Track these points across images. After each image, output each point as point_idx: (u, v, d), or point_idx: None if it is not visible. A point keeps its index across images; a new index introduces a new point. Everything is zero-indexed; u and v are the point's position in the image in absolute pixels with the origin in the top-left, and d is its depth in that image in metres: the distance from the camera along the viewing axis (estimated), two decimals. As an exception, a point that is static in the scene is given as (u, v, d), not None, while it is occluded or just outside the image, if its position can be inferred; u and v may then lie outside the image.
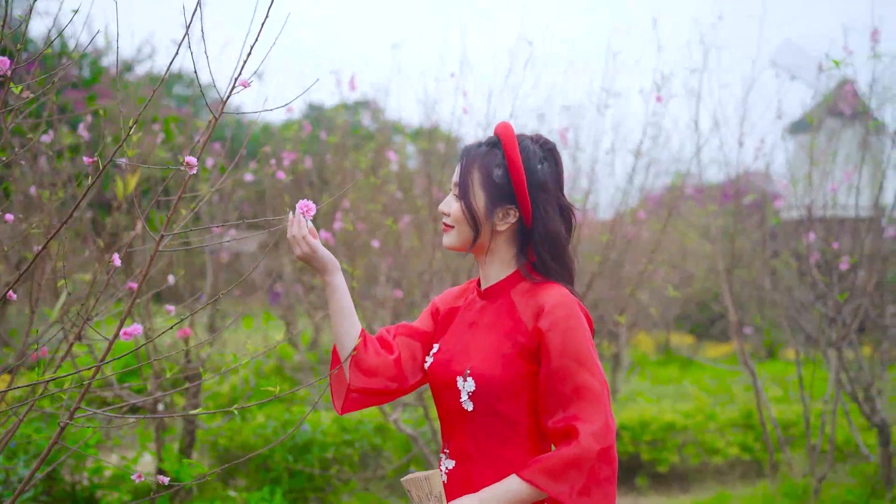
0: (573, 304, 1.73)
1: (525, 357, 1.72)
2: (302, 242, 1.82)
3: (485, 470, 1.73)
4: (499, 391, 1.71)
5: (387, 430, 5.22)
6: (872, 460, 5.07)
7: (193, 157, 1.68)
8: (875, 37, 4.46)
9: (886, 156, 5.04)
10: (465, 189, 1.78)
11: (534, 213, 1.77)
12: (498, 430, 1.73)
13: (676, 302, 10.52)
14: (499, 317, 1.79)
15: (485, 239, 1.81)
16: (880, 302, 5.67)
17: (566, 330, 1.68)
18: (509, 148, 1.76)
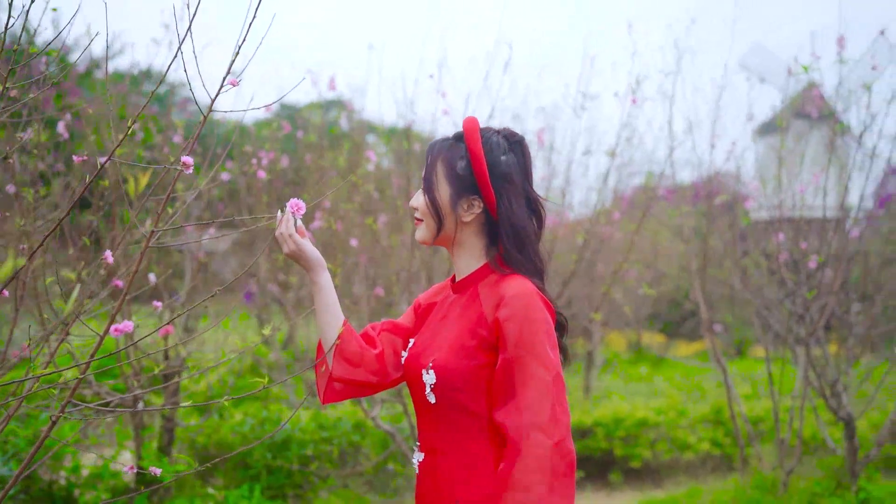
0: (532, 294, 1.72)
1: (486, 349, 1.73)
2: (289, 241, 1.86)
3: (450, 462, 1.75)
4: (458, 383, 1.73)
5: (365, 428, 5.26)
6: (838, 453, 5.21)
7: (189, 158, 1.72)
8: (841, 43, 4.60)
9: (851, 158, 5.18)
10: (430, 182, 1.82)
11: (498, 204, 1.78)
12: (460, 423, 1.75)
13: (648, 301, 10.68)
14: (465, 309, 1.81)
15: (451, 231, 1.83)
16: (845, 300, 5.83)
17: (523, 321, 1.68)
18: (471, 140, 1.79)
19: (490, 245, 1.85)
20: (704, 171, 5.85)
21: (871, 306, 5.91)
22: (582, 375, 8.70)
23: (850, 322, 5.67)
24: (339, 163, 6.30)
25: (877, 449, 4.92)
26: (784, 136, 5.48)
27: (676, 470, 6.06)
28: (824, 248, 5.06)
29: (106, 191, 3.76)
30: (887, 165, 6.08)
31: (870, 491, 4.78)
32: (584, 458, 5.77)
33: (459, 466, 1.74)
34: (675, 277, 10.75)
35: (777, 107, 6.27)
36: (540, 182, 5.92)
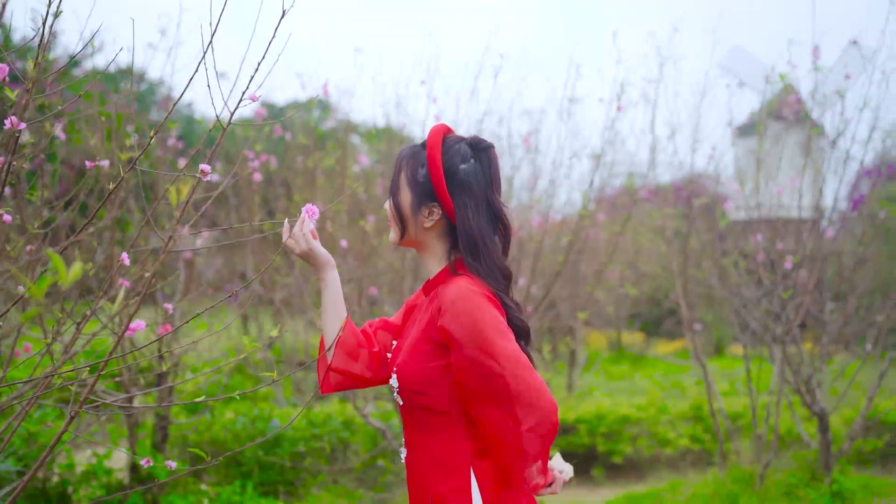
0: (470, 294, 1.75)
1: (440, 350, 1.78)
2: (302, 241, 1.94)
3: (422, 457, 1.83)
4: (417, 385, 1.80)
5: (355, 425, 5.37)
6: (813, 447, 5.39)
7: (207, 165, 1.81)
8: (816, 53, 4.77)
9: (826, 161, 5.36)
10: (394, 187, 1.89)
11: (455, 211, 1.82)
12: (426, 421, 1.82)
13: (628, 300, 10.86)
14: (425, 313, 1.88)
15: (413, 235, 1.88)
16: (820, 299, 6.01)
17: (465, 321, 1.72)
18: (430, 147, 1.83)
19: (452, 249, 1.89)
20: (685, 173, 6.01)
21: (844, 305, 6.10)
22: (565, 374, 8.85)
23: (824, 321, 5.84)
24: (326, 164, 6.39)
25: (849, 443, 5.10)
26: (762, 140, 5.65)
27: (657, 465, 6.22)
28: (800, 249, 5.23)
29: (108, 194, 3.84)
30: (860, 168, 6.28)
31: (842, 483, 4.97)
32: (567, 455, 5.89)
33: (431, 462, 1.82)
34: (655, 277, 10.93)
35: (755, 109, 6.44)
36: (525, 184, 6.06)
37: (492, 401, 1.72)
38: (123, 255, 2.11)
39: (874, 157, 6.41)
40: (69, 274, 1.01)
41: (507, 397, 1.70)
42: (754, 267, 5.54)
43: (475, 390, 1.73)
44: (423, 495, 1.83)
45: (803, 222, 5.49)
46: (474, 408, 1.76)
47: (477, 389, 1.73)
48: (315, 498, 4.86)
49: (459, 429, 1.80)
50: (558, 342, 8.18)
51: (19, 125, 1.58)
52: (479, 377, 1.71)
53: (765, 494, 4.98)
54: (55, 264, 1.00)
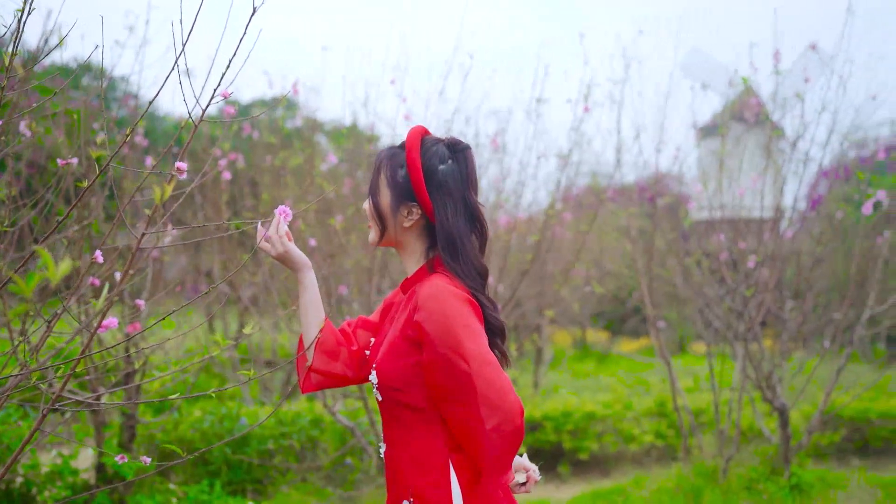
0: (444, 293, 1.78)
1: (416, 348, 1.81)
2: (278, 243, 1.97)
3: (400, 453, 1.87)
4: (396, 382, 1.83)
5: (323, 423, 5.37)
6: (773, 442, 5.53)
7: (183, 163, 1.82)
8: (777, 57, 4.89)
9: (786, 163, 5.49)
10: (374, 188, 1.92)
11: (434, 211, 1.85)
12: (404, 418, 1.85)
13: (593, 298, 10.99)
14: (402, 311, 1.90)
15: (393, 234, 1.92)
16: (779, 298, 6.16)
17: (438, 319, 1.75)
18: (409, 149, 1.86)
19: (430, 248, 1.93)
20: (650, 173, 6.11)
21: (802, 304, 6.25)
22: (531, 371, 8.93)
23: (783, 318, 5.99)
24: (294, 163, 6.38)
25: (807, 437, 5.24)
26: (724, 141, 5.77)
27: (623, 461, 6.32)
28: (761, 248, 5.35)
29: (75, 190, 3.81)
30: (819, 169, 6.44)
31: (801, 476, 5.10)
32: (533, 452, 5.98)
33: (408, 458, 1.85)
34: (619, 276, 11.07)
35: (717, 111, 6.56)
36: (493, 183, 6.11)
37: (459, 400, 1.74)
38: (97, 253, 2.11)
39: (832, 159, 6.58)
40: (58, 270, 1.02)
41: (473, 396, 1.72)
42: (717, 266, 5.66)
43: (443, 388, 1.76)
44: (403, 490, 1.86)
45: (764, 222, 5.62)
46: (443, 405, 1.79)
47: (445, 387, 1.76)
48: (284, 496, 4.86)
49: (436, 425, 1.83)
50: (524, 340, 8.26)
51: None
52: (447, 375, 1.74)
53: (727, 488, 5.10)
54: (45, 261, 1.02)
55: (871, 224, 5.66)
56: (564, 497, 5.43)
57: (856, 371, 8.21)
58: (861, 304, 6.04)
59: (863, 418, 6.44)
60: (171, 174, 1.88)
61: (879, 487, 5.23)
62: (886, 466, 6.13)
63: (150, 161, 4.89)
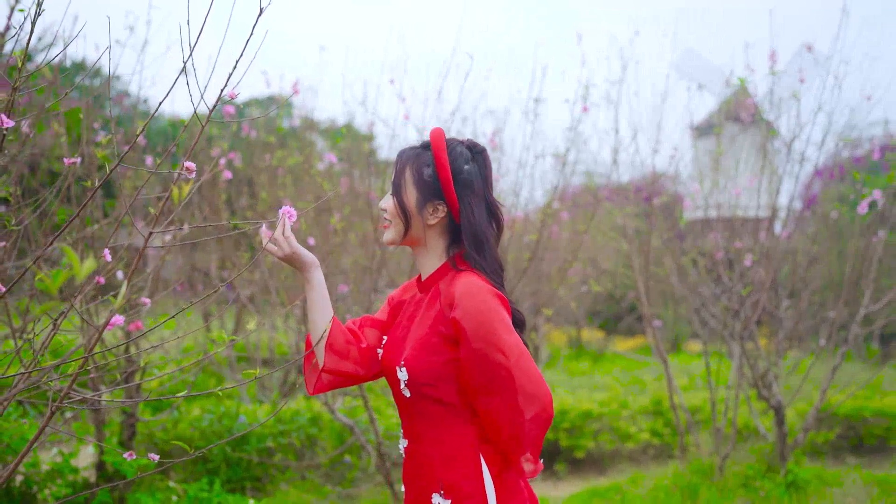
0: (480, 289, 1.85)
1: (448, 344, 1.87)
2: (284, 244, 1.99)
3: (429, 448, 1.91)
4: (428, 378, 1.87)
5: (322, 421, 5.40)
6: (769, 440, 5.57)
7: (192, 164, 1.85)
8: (773, 57, 4.93)
9: (782, 162, 5.54)
10: (399, 186, 1.97)
11: (460, 209, 1.93)
12: (434, 413, 1.90)
13: (588, 298, 11.02)
14: (428, 308, 1.95)
15: (417, 232, 1.97)
16: (775, 297, 6.21)
17: (475, 315, 1.81)
18: (437, 149, 1.93)
19: (451, 246, 1.99)
20: (646, 172, 6.14)
21: (798, 303, 6.30)
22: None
23: (779, 317, 6.03)
24: (291, 162, 6.40)
25: (803, 435, 5.29)
26: (720, 142, 5.81)
27: (619, 459, 6.35)
28: (757, 248, 5.40)
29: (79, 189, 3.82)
30: (814, 168, 6.49)
31: (797, 474, 5.15)
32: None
33: (439, 452, 1.89)
34: (614, 275, 11.11)
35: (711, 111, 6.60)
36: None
37: (496, 392, 1.82)
38: (106, 251, 2.13)
39: (826, 159, 6.64)
40: (83, 268, 1.04)
41: (511, 388, 1.80)
42: (712, 265, 5.70)
43: (481, 381, 1.83)
44: (431, 484, 1.90)
45: (760, 221, 5.66)
46: (478, 398, 1.85)
47: (482, 380, 1.82)
48: (283, 494, 4.88)
49: (466, 418, 1.89)
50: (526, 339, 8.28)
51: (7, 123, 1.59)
52: (486, 368, 1.81)
53: (723, 485, 5.14)
54: (70, 259, 1.04)
55: (865, 223, 5.71)
56: (561, 495, 5.47)
57: (850, 370, 8.27)
58: (855, 303, 6.09)
59: (857, 416, 6.49)
60: (181, 174, 1.90)
61: (875, 484, 5.27)
62: (881, 464, 6.18)
63: (150, 161, 4.91)
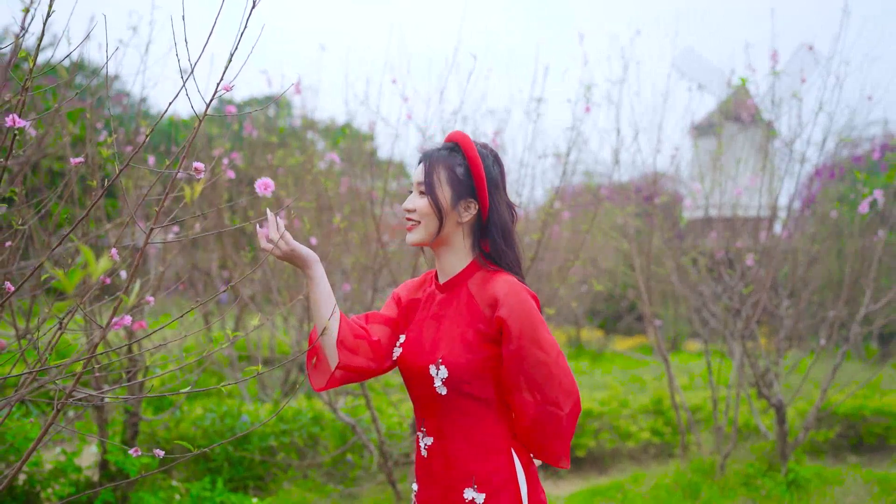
0: (521, 290, 1.94)
1: (487, 343, 1.93)
2: (281, 243, 2.00)
3: (460, 444, 1.95)
4: (468, 376, 1.92)
5: (324, 420, 5.41)
6: (770, 438, 5.59)
7: (201, 164, 1.86)
8: (774, 57, 4.94)
9: (783, 162, 5.55)
10: (432, 185, 2.00)
11: (490, 206, 2.00)
12: (469, 409, 1.95)
13: (588, 297, 11.04)
14: (458, 307, 2.00)
15: (448, 230, 2.01)
16: (775, 296, 6.22)
17: (520, 315, 1.89)
18: (470, 149, 2.00)
19: (475, 245, 2.04)
20: (646, 172, 6.16)
21: (798, 302, 6.32)
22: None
23: (780, 316, 6.04)
24: (292, 161, 6.41)
25: (804, 433, 5.30)
26: (721, 142, 5.82)
27: (620, 458, 6.37)
28: (756, 247, 5.41)
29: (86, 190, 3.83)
30: (814, 168, 6.50)
31: (798, 472, 5.16)
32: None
33: (472, 447, 1.95)
34: (613, 274, 11.13)
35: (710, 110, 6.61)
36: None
37: (536, 388, 1.91)
38: (113, 251, 2.14)
39: (826, 159, 6.64)
40: (98, 267, 1.06)
41: (552, 384, 1.91)
42: (712, 265, 5.72)
43: (522, 377, 1.91)
44: (463, 478, 1.95)
45: (760, 221, 5.67)
46: (517, 394, 1.93)
47: (524, 377, 1.91)
48: (285, 492, 4.89)
49: (500, 413, 1.97)
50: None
51: (21, 123, 1.60)
52: (528, 366, 1.90)
53: (724, 484, 5.15)
54: (86, 257, 1.05)
55: (864, 223, 5.72)
56: (562, 494, 5.48)
57: (850, 369, 8.30)
58: (855, 302, 6.11)
59: (857, 415, 6.51)
60: (188, 174, 1.91)
61: (875, 483, 5.29)
62: (881, 462, 6.20)
63: (152, 160, 4.91)
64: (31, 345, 2.94)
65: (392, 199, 7.21)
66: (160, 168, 2.14)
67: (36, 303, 3.80)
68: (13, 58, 2.49)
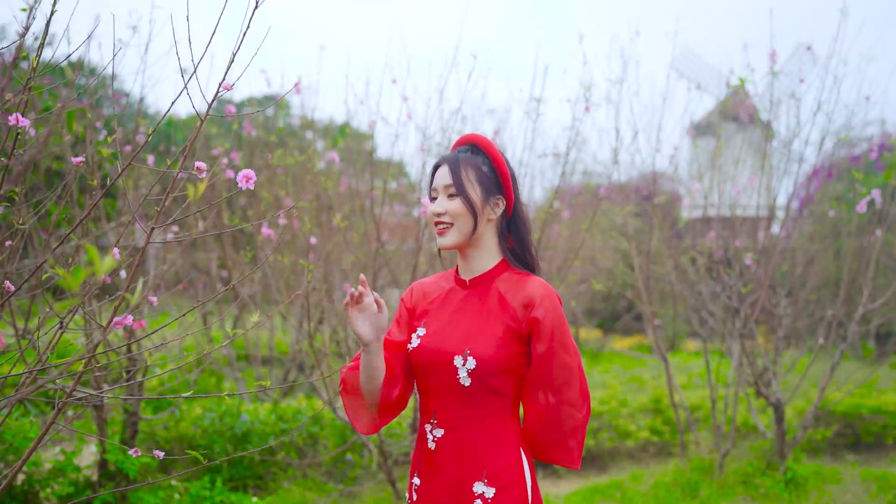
0: (554, 294, 2.01)
1: (516, 340, 1.98)
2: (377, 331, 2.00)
3: (475, 437, 1.99)
4: (495, 369, 1.96)
5: (324, 419, 5.41)
6: (768, 437, 5.60)
7: (203, 164, 1.86)
8: (773, 57, 4.95)
9: (780, 162, 5.57)
10: (463, 185, 2.04)
11: (516, 203, 2.10)
12: (488, 402, 1.98)
13: (585, 296, 11.05)
14: (486, 303, 2.04)
15: (480, 229, 2.06)
16: (773, 295, 6.24)
17: (553, 318, 1.96)
18: (493, 149, 2.08)
19: (501, 242, 2.11)
20: (645, 172, 6.17)
21: (796, 301, 6.33)
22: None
23: (778, 315, 6.06)
24: (292, 161, 6.41)
25: (802, 432, 5.32)
26: (720, 142, 5.83)
27: (619, 457, 6.37)
28: (756, 246, 5.42)
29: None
30: (812, 168, 6.52)
31: (796, 471, 5.18)
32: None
33: (485, 440, 1.98)
34: (611, 273, 11.14)
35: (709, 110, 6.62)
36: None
37: (559, 389, 1.96)
38: (115, 250, 2.15)
39: (823, 159, 6.66)
40: (103, 265, 1.06)
41: (575, 386, 1.98)
42: (711, 264, 5.73)
43: (548, 377, 1.96)
44: (475, 470, 1.98)
45: (759, 220, 5.69)
46: (533, 392, 1.98)
47: (549, 377, 1.96)
48: (285, 491, 4.90)
49: (514, 410, 2.03)
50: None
51: (24, 122, 1.61)
52: (556, 367, 1.95)
53: (723, 482, 5.17)
54: (91, 255, 1.06)
55: (862, 223, 5.74)
56: (562, 492, 5.49)
57: (847, 368, 8.31)
58: (852, 301, 6.12)
59: (854, 414, 6.53)
60: (191, 174, 1.91)
61: (873, 481, 5.31)
62: (878, 460, 6.22)
63: (151, 160, 4.92)
64: (31, 345, 2.94)
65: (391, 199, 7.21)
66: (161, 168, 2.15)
67: (35, 303, 3.81)
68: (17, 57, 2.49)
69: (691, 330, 11.39)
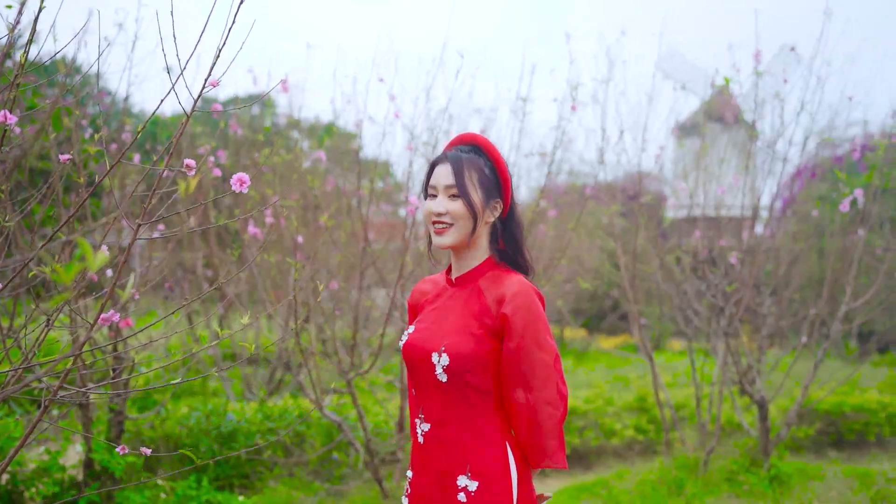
0: (530, 291, 2.00)
1: (491, 336, 1.98)
2: None
3: (460, 432, 2.00)
4: (469, 365, 1.97)
5: (310, 418, 5.40)
6: (752, 435, 5.65)
7: (192, 161, 1.86)
8: (758, 58, 4.99)
9: (763, 162, 5.61)
10: (465, 187, 2.04)
11: (512, 206, 2.11)
12: (468, 398, 2.00)
13: (571, 296, 11.08)
14: (468, 301, 2.06)
15: (478, 231, 2.08)
16: (758, 294, 6.29)
17: (525, 314, 1.95)
18: (495, 151, 2.08)
19: (492, 243, 2.13)
20: (631, 172, 6.20)
21: (780, 300, 6.39)
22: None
23: (762, 314, 6.11)
24: (279, 160, 6.40)
25: (786, 429, 5.37)
26: (705, 142, 5.87)
27: (604, 455, 6.41)
28: (738, 246, 5.46)
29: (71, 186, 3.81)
30: (795, 168, 6.57)
31: (780, 468, 5.23)
32: (517, 446, 6.04)
33: (468, 436, 2.00)
34: (596, 273, 11.18)
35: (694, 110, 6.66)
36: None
37: (536, 387, 1.96)
38: (104, 247, 2.14)
39: (807, 159, 6.72)
40: (96, 261, 1.06)
41: (551, 386, 1.97)
42: (696, 264, 5.76)
43: (521, 375, 1.96)
44: (458, 465, 2.00)
45: (743, 220, 5.73)
46: (516, 391, 1.97)
47: (523, 375, 1.96)
48: (271, 490, 4.89)
49: (497, 407, 2.02)
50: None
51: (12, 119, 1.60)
52: (529, 365, 1.95)
53: (708, 480, 5.21)
54: (84, 251, 1.06)
55: (845, 222, 5.79)
56: (547, 491, 5.51)
57: (829, 367, 8.39)
58: (835, 300, 6.18)
59: (837, 412, 6.59)
60: (181, 170, 1.91)
61: (855, 478, 5.36)
62: (860, 457, 6.28)
63: (137, 158, 4.90)
64: (15, 343, 2.93)
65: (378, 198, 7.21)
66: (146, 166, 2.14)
67: (19, 302, 3.78)
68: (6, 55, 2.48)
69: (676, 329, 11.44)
